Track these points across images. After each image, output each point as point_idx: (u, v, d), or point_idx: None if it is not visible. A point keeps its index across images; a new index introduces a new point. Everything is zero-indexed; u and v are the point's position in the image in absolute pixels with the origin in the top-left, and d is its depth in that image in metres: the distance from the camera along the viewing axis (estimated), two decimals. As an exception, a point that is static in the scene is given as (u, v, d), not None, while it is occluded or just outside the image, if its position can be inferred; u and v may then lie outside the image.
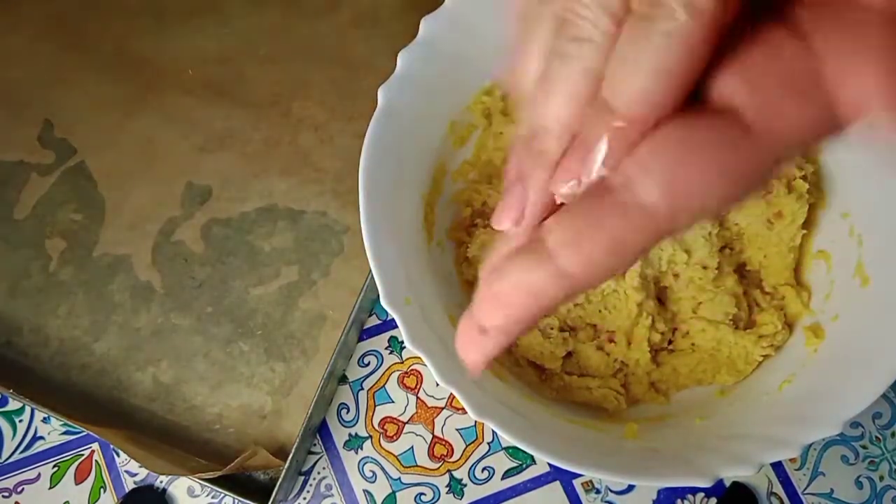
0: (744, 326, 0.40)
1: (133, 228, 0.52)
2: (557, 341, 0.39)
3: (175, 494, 0.48)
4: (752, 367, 0.39)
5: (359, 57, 0.54)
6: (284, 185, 0.52)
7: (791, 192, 0.39)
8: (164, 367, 0.49)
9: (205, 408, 0.48)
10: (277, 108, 0.54)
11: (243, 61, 0.55)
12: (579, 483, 0.47)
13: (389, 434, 0.48)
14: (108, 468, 0.48)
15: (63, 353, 0.50)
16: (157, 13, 0.56)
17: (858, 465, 0.47)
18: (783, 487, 0.46)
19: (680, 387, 0.40)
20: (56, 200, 0.52)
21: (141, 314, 0.50)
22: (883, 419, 0.48)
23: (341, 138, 0.53)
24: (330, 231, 0.51)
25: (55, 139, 0.54)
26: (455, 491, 0.47)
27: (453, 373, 0.32)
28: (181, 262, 0.51)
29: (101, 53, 0.56)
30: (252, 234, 0.51)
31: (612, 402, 0.39)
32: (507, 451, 0.47)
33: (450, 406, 0.48)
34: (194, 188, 0.52)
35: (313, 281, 0.50)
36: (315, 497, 0.47)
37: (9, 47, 0.56)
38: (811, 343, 0.37)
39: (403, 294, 0.33)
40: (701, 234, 0.38)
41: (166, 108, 0.54)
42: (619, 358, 0.40)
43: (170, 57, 0.55)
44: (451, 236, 0.42)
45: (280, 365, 0.48)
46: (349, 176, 0.52)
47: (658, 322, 0.39)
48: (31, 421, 0.49)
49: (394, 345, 0.49)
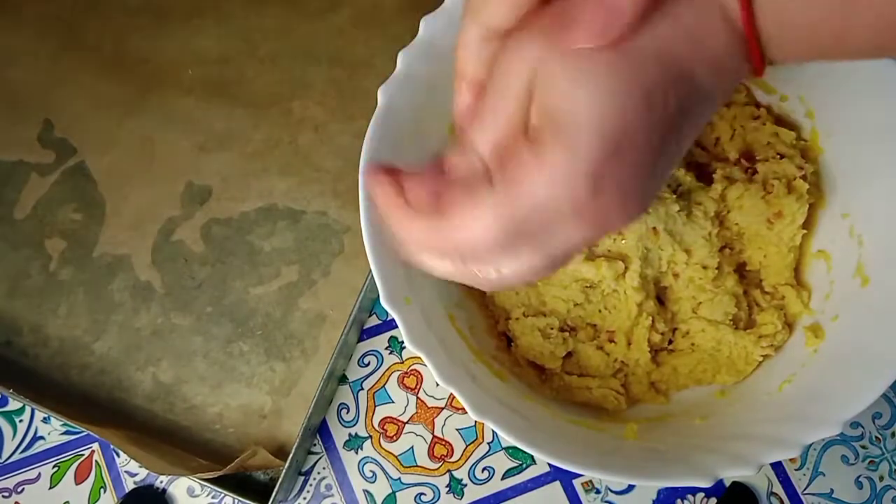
0: (744, 326, 0.40)
1: (133, 228, 0.52)
2: (557, 341, 0.39)
3: (175, 494, 0.48)
4: (752, 367, 0.39)
5: (359, 57, 0.54)
6: (284, 185, 0.52)
7: (791, 192, 0.39)
8: (165, 367, 0.49)
9: (205, 408, 0.48)
10: (277, 108, 0.54)
11: (243, 61, 0.55)
12: (579, 483, 0.47)
13: (389, 434, 0.48)
14: (108, 468, 0.48)
15: (63, 353, 0.49)
16: (157, 13, 0.56)
17: (858, 465, 0.47)
18: (783, 487, 0.46)
19: (680, 387, 0.40)
20: (56, 200, 0.52)
21: (141, 314, 0.50)
22: (883, 419, 0.48)
23: (341, 138, 0.53)
24: (330, 231, 0.51)
25: (55, 139, 0.54)
26: (455, 491, 0.47)
27: (453, 373, 0.32)
28: (181, 262, 0.51)
29: (101, 53, 0.56)
30: (252, 234, 0.51)
31: (612, 402, 0.39)
32: (507, 451, 0.47)
33: (450, 406, 0.48)
34: (194, 188, 0.52)
35: (313, 281, 0.50)
36: (315, 497, 0.47)
37: (9, 47, 0.56)
38: (811, 343, 0.37)
39: (403, 294, 0.33)
40: (701, 235, 0.38)
41: (166, 108, 0.54)
42: (618, 358, 0.40)
43: (170, 57, 0.55)
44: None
45: (280, 365, 0.48)
46: (349, 176, 0.52)
47: (658, 322, 0.39)
48: (31, 421, 0.49)
49: (394, 345, 0.49)
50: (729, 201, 0.39)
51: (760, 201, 0.39)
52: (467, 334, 0.38)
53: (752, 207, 0.39)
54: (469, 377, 0.33)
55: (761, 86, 0.41)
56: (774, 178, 0.39)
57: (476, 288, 0.41)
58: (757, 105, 0.42)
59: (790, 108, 0.41)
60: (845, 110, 0.37)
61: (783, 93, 0.40)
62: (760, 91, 0.41)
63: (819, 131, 0.39)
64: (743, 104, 0.42)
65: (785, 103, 0.41)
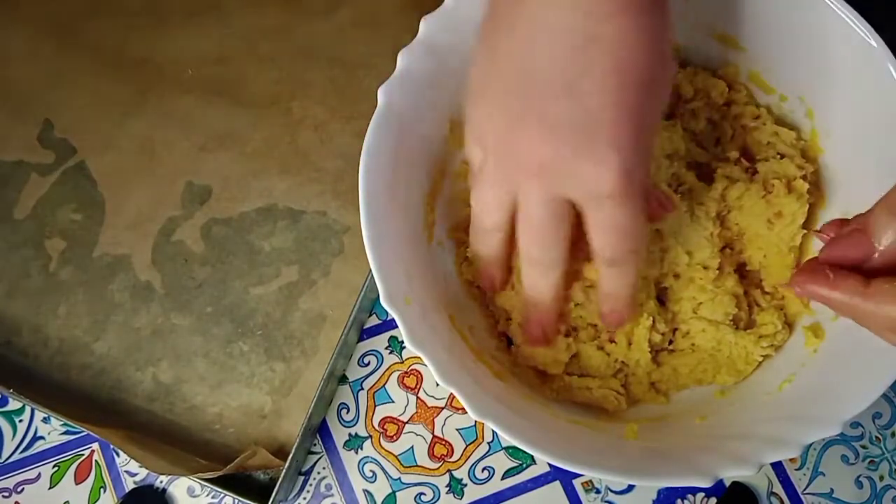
0: (744, 326, 0.40)
1: (133, 228, 0.52)
2: (561, 347, 0.39)
3: (175, 494, 0.48)
4: (752, 367, 0.39)
5: (359, 57, 0.54)
6: (284, 185, 0.52)
7: (791, 192, 0.39)
8: (164, 367, 0.49)
9: (205, 408, 0.48)
10: (277, 108, 0.54)
11: (243, 61, 0.55)
12: (579, 483, 0.47)
13: (389, 434, 0.48)
14: (108, 468, 0.48)
15: (63, 353, 0.50)
16: (157, 13, 0.56)
17: (858, 465, 0.47)
18: (783, 487, 0.47)
19: (680, 387, 0.40)
20: (56, 200, 0.52)
21: (141, 314, 0.50)
22: (883, 419, 0.48)
23: (341, 138, 0.53)
24: (330, 231, 0.51)
25: (55, 139, 0.54)
26: (455, 491, 0.47)
27: (453, 373, 0.32)
28: (181, 262, 0.51)
29: (101, 53, 0.56)
30: (252, 233, 0.51)
31: (613, 402, 0.39)
32: (507, 451, 0.47)
33: (450, 406, 0.48)
34: (194, 188, 0.52)
35: (313, 281, 0.50)
36: (315, 497, 0.47)
37: (9, 47, 0.56)
38: (811, 343, 0.37)
39: (403, 294, 0.33)
40: (702, 235, 0.38)
41: (166, 108, 0.54)
42: (619, 358, 0.40)
43: (170, 57, 0.55)
44: (451, 236, 0.42)
45: (280, 365, 0.48)
46: (349, 176, 0.52)
47: (658, 322, 0.39)
48: (31, 421, 0.49)
49: (394, 345, 0.49)
50: (729, 201, 0.39)
51: (761, 201, 0.39)
52: (467, 334, 0.38)
53: (752, 207, 0.39)
54: (469, 377, 0.33)
55: (761, 86, 0.41)
56: (774, 178, 0.39)
57: (476, 288, 0.42)
58: (757, 105, 0.42)
59: (790, 108, 0.41)
60: (845, 110, 0.37)
61: (783, 93, 0.40)
62: (760, 91, 0.41)
63: (819, 131, 0.39)
64: (743, 104, 0.42)
65: (785, 103, 0.41)
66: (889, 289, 0.24)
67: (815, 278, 0.27)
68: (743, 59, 0.41)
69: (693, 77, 0.42)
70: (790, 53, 0.38)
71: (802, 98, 0.39)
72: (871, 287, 0.25)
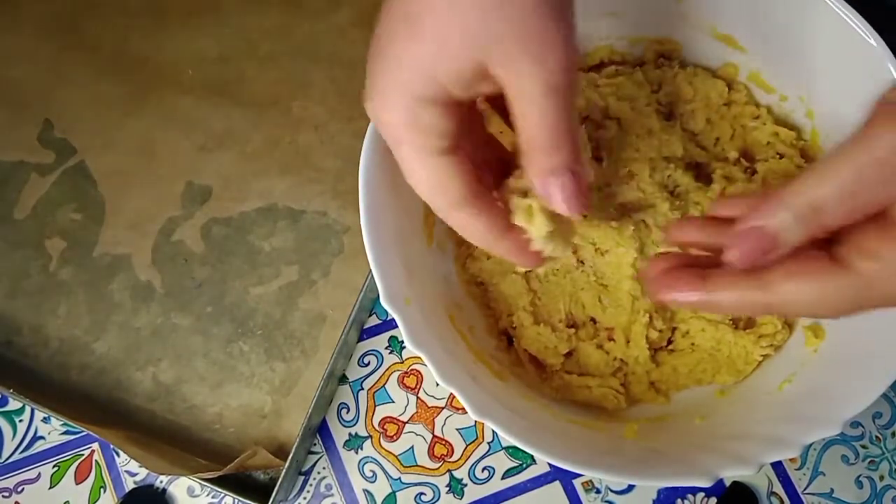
0: (744, 326, 0.40)
1: (133, 228, 0.52)
2: (563, 336, 0.39)
3: (175, 494, 0.48)
4: (752, 366, 0.39)
5: (359, 57, 0.54)
6: (284, 185, 0.52)
7: (791, 192, 0.38)
8: (164, 367, 0.49)
9: (205, 408, 0.48)
10: (277, 107, 0.54)
11: (243, 61, 0.55)
12: (579, 483, 0.47)
13: (389, 434, 0.48)
14: (108, 468, 0.48)
15: (63, 353, 0.50)
16: (157, 13, 0.56)
17: (858, 465, 0.47)
18: (783, 487, 0.47)
19: (680, 387, 0.40)
20: (56, 200, 0.53)
21: (141, 314, 0.50)
22: (883, 419, 0.48)
23: (341, 138, 0.53)
24: (330, 231, 0.51)
25: (55, 139, 0.54)
26: (455, 491, 0.47)
27: (453, 373, 0.32)
28: (181, 262, 0.51)
29: (101, 53, 0.56)
30: (252, 233, 0.51)
31: (612, 401, 0.39)
32: (507, 451, 0.47)
33: (450, 406, 0.48)
34: (194, 188, 0.52)
35: (313, 281, 0.50)
36: (315, 497, 0.47)
37: (9, 47, 0.56)
38: (811, 343, 0.37)
39: (403, 294, 0.33)
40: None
41: (166, 108, 0.54)
42: (618, 356, 0.40)
43: (170, 57, 0.55)
44: (451, 236, 0.42)
45: (280, 365, 0.48)
46: (349, 176, 0.52)
47: (656, 320, 0.39)
48: (31, 421, 0.49)
49: (394, 345, 0.49)
50: (728, 201, 0.39)
51: (760, 201, 0.39)
52: (467, 334, 0.38)
53: (751, 207, 0.39)
54: (469, 377, 0.33)
55: (761, 86, 0.41)
56: (774, 178, 0.39)
57: (476, 287, 0.42)
58: (757, 105, 0.42)
59: (790, 108, 0.41)
60: (845, 110, 0.37)
61: (783, 93, 0.40)
62: (760, 91, 0.41)
63: (819, 131, 0.39)
64: (743, 104, 0.42)
65: (785, 103, 0.41)
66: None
67: (687, 282, 0.25)
68: (743, 59, 0.41)
69: (693, 77, 0.42)
70: (790, 53, 0.38)
71: (802, 98, 0.39)
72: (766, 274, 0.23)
